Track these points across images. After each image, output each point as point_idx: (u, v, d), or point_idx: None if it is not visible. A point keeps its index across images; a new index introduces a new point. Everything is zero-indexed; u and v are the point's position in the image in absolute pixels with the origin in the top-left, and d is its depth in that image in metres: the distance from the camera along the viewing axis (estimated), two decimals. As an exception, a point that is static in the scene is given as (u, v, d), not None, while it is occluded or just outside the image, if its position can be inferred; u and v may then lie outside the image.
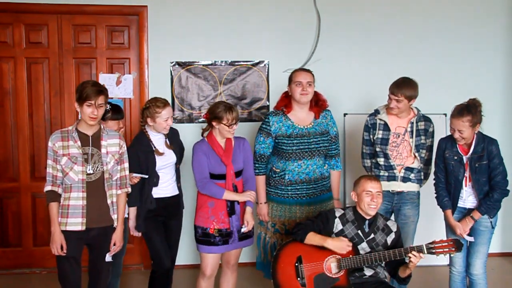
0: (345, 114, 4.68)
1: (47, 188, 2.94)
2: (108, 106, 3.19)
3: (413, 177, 3.58)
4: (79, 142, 2.93)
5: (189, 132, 4.35)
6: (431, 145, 3.64)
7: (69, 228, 2.92)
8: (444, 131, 4.42)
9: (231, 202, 3.30)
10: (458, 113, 3.23)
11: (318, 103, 3.62)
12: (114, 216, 3.03)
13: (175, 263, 3.58)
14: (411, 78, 3.53)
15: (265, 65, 4.65)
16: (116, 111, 3.37)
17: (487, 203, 3.28)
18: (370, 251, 3.15)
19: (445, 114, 4.54)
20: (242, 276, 4.12)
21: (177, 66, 4.57)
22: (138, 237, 3.47)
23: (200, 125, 4.48)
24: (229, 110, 3.24)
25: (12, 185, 4.56)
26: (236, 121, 3.28)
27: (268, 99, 4.66)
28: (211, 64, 4.60)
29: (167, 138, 3.44)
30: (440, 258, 3.23)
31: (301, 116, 3.58)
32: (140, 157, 3.29)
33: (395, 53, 4.73)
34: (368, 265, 3.15)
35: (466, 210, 3.39)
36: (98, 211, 2.97)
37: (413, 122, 3.56)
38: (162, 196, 3.39)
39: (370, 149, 3.67)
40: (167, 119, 3.32)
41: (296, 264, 3.19)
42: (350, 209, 3.26)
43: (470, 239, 3.38)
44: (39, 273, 4.55)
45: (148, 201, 3.32)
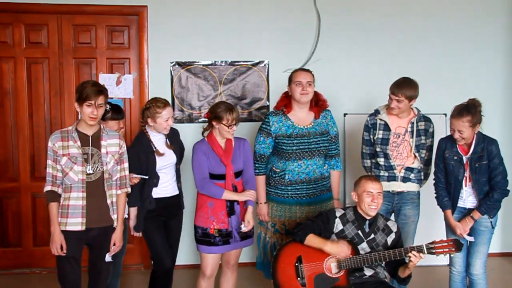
0: (345, 114, 4.68)
1: (47, 188, 2.94)
2: (108, 106, 3.19)
3: (413, 177, 3.58)
4: (79, 142, 2.93)
5: (189, 132, 4.35)
6: (431, 145, 3.64)
7: (69, 228, 2.92)
8: (444, 131, 4.42)
9: (231, 203, 3.29)
10: (458, 114, 3.23)
11: (318, 103, 3.61)
12: (114, 216, 3.03)
13: (175, 263, 3.58)
14: (412, 78, 3.53)
15: (265, 65, 4.65)
16: (117, 111, 3.36)
17: (487, 203, 3.28)
18: (370, 251, 3.15)
19: (445, 114, 4.54)
20: (242, 276, 4.12)
21: (177, 66, 4.57)
22: (138, 237, 3.46)
23: (200, 125, 4.47)
24: (230, 111, 3.25)
25: (12, 185, 4.56)
26: (236, 122, 3.28)
27: (268, 99, 4.66)
28: (211, 64, 4.60)
29: (167, 138, 3.44)
30: (440, 258, 3.23)
31: (301, 116, 3.58)
32: (141, 158, 3.29)
33: (395, 53, 4.73)
34: (368, 265, 3.14)
35: (466, 210, 3.39)
36: (98, 211, 2.96)
37: (414, 122, 3.56)
38: (162, 196, 3.39)
39: (370, 149, 3.67)
40: (168, 119, 3.32)
41: (296, 264, 3.19)
42: (351, 209, 3.26)
43: (470, 239, 3.38)
44: (39, 273, 4.55)
45: (148, 202, 3.32)
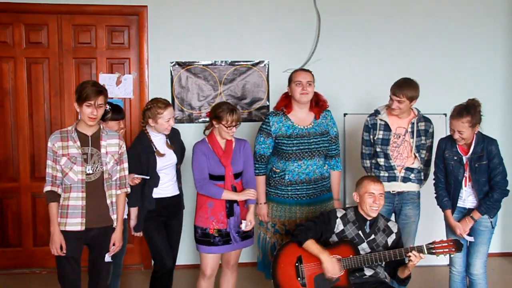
0: (345, 114, 4.68)
1: (47, 189, 2.93)
2: (108, 107, 3.19)
3: (413, 177, 3.57)
4: (79, 142, 2.93)
5: (189, 132, 4.35)
6: (431, 146, 3.64)
7: (69, 228, 2.91)
8: (444, 131, 4.42)
9: (230, 204, 3.30)
10: (458, 114, 3.23)
11: (319, 104, 3.61)
12: (114, 216, 3.02)
13: (175, 263, 3.58)
14: (412, 79, 3.53)
15: (265, 65, 4.65)
16: (117, 111, 3.36)
17: (487, 203, 3.28)
18: (371, 252, 3.15)
19: (445, 114, 4.54)
20: (242, 276, 4.12)
21: (177, 66, 4.56)
22: (138, 237, 3.47)
23: (200, 125, 4.50)
24: (230, 112, 3.24)
25: (12, 185, 4.56)
26: (236, 124, 3.27)
27: (268, 99, 4.66)
28: (211, 64, 4.60)
29: (168, 138, 3.44)
30: (440, 258, 3.23)
31: (301, 117, 3.58)
32: (142, 158, 3.29)
33: (395, 53, 4.73)
34: (369, 265, 3.14)
35: (466, 210, 3.39)
36: (98, 211, 2.96)
37: (414, 123, 3.56)
38: (163, 196, 3.39)
39: (370, 150, 3.66)
40: (169, 120, 3.31)
41: (296, 264, 3.18)
42: (351, 210, 3.25)
43: (470, 239, 3.38)
44: (39, 273, 4.55)
45: (148, 202, 3.31)
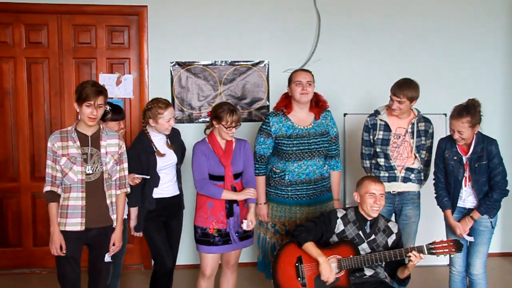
0: (345, 114, 4.68)
1: (47, 189, 2.93)
2: (108, 107, 3.19)
3: (414, 178, 3.57)
4: (78, 142, 2.93)
5: (189, 132, 4.35)
6: (431, 146, 3.64)
7: (68, 229, 2.91)
8: (444, 131, 4.42)
9: (230, 204, 3.30)
10: (458, 114, 3.23)
11: (319, 104, 3.61)
12: (114, 216, 3.02)
13: (176, 263, 3.58)
14: (413, 79, 3.53)
15: (265, 65, 4.64)
16: (117, 112, 3.35)
17: (487, 203, 3.28)
18: (371, 252, 3.15)
19: (445, 114, 4.54)
20: (242, 276, 4.12)
21: (177, 66, 4.56)
22: (138, 237, 3.46)
23: (200, 125, 4.50)
24: (230, 113, 3.23)
25: (12, 185, 4.56)
26: (236, 125, 3.26)
27: (268, 99, 4.66)
28: (211, 64, 4.60)
29: (168, 138, 3.44)
30: (440, 258, 3.22)
31: (301, 117, 3.58)
32: (142, 158, 3.29)
33: (395, 53, 4.73)
34: (369, 265, 3.14)
35: (466, 210, 3.38)
36: (98, 211, 2.96)
37: (414, 123, 3.56)
38: (163, 196, 3.39)
39: (370, 150, 3.66)
40: (169, 120, 3.31)
41: (297, 264, 3.18)
42: (352, 210, 3.25)
43: (470, 239, 3.38)
44: (39, 273, 4.55)
45: (148, 202, 3.31)
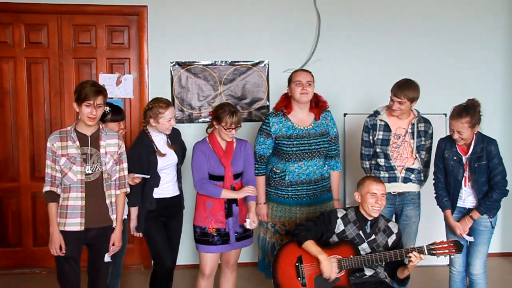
0: (345, 114, 4.67)
1: (46, 189, 2.93)
2: (108, 108, 3.18)
3: (414, 178, 3.57)
4: (78, 142, 2.93)
5: (189, 132, 4.35)
6: (430, 147, 3.64)
7: (68, 229, 2.91)
8: (444, 131, 4.42)
9: (229, 204, 3.30)
10: (457, 115, 3.23)
11: (318, 104, 3.61)
12: (113, 216, 3.02)
13: (176, 264, 3.58)
14: (413, 80, 3.52)
15: (265, 65, 4.64)
16: (117, 113, 3.34)
17: (486, 203, 3.28)
18: (371, 252, 3.15)
19: (445, 114, 4.54)
20: (242, 276, 4.12)
21: (177, 66, 4.56)
22: (138, 237, 3.46)
23: (200, 125, 4.50)
24: (231, 114, 3.22)
25: (12, 185, 4.56)
26: (236, 127, 3.26)
27: (268, 99, 4.66)
28: (211, 64, 4.60)
29: (169, 138, 3.44)
30: (440, 258, 3.22)
31: (301, 117, 3.58)
32: (142, 158, 3.28)
33: (395, 53, 4.73)
34: (369, 265, 3.14)
35: (466, 210, 3.38)
36: (97, 211, 2.96)
37: (414, 124, 3.56)
38: (163, 197, 3.39)
39: (369, 151, 3.66)
40: (170, 120, 3.31)
41: (297, 264, 3.18)
42: (352, 210, 3.25)
43: (470, 239, 3.38)
44: (39, 273, 4.55)
45: (148, 202, 3.31)
